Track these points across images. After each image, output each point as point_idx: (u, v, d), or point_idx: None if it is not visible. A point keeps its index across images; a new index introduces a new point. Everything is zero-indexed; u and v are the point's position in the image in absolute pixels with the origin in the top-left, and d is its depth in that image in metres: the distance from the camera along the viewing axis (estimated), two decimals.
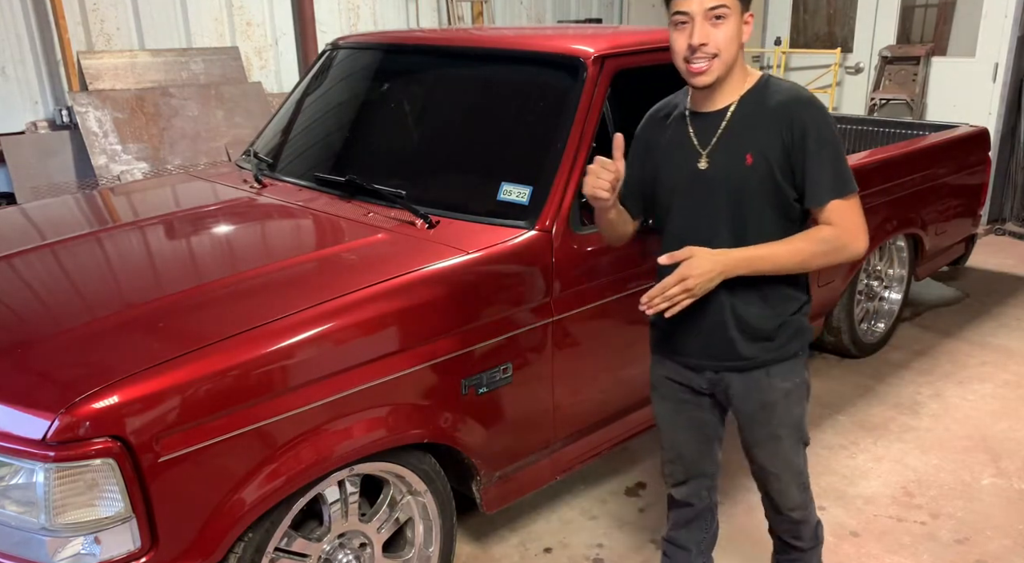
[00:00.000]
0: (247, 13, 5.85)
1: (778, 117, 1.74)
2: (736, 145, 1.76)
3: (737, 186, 1.76)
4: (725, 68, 1.72)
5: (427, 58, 2.99)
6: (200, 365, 1.72)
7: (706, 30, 1.67)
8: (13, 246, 2.39)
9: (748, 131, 1.75)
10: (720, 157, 1.77)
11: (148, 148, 5.06)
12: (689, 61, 1.70)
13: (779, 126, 1.73)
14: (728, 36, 1.68)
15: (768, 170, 1.74)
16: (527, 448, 2.43)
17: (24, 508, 1.63)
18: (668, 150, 1.86)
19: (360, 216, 2.48)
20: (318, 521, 2.07)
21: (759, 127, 1.75)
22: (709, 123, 1.79)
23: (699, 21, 1.66)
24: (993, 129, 6.06)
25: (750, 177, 1.75)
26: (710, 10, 1.66)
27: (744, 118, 1.77)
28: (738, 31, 1.70)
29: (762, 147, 1.74)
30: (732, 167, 1.75)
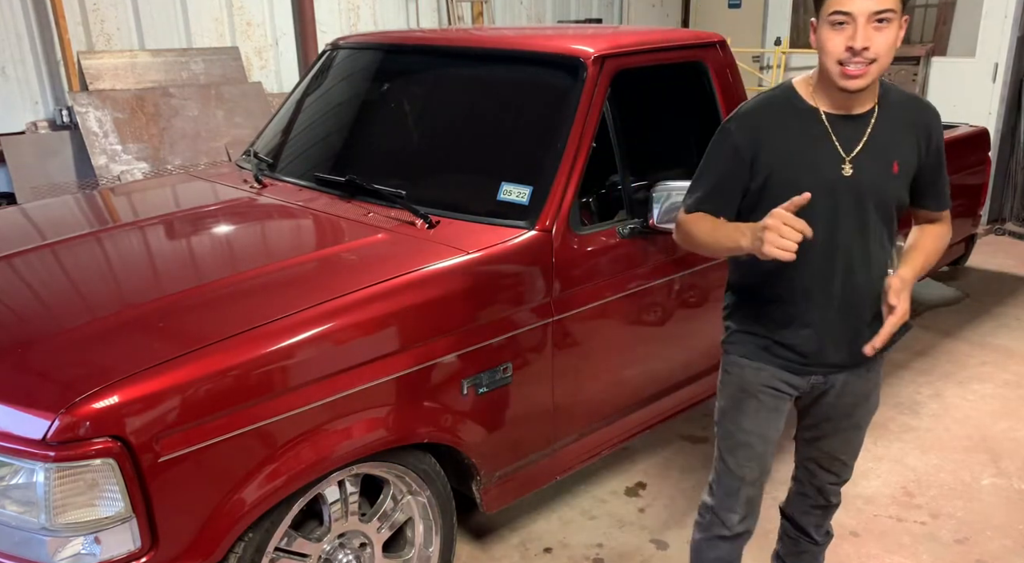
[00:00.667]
0: (247, 13, 5.85)
1: (917, 126, 1.78)
2: (883, 152, 1.75)
3: (882, 194, 1.76)
4: (880, 74, 1.67)
5: (427, 58, 2.99)
6: (200, 365, 1.72)
7: (868, 33, 1.59)
8: (13, 246, 2.39)
9: (892, 138, 1.75)
10: (867, 164, 1.74)
11: (148, 148, 5.06)
12: (845, 63, 1.63)
13: (917, 135, 1.77)
14: (889, 42, 1.62)
15: (908, 178, 1.79)
16: (527, 448, 2.43)
17: (24, 508, 1.63)
18: (800, 152, 1.76)
19: (360, 216, 2.48)
20: (318, 521, 2.07)
21: (901, 134, 1.76)
22: (852, 127, 1.74)
23: (862, 23, 1.59)
24: (993, 129, 6.06)
25: (894, 185, 1.77)
26: (876, 14, 1.59)
27: (887, 124, 1.75)
28: (898, 35, 1.64)
29: (905, 155, 1.77)
30: (880, 175, 1.74)
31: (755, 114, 1.81)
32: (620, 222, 2.54)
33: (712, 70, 2.86)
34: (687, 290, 2.75)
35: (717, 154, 1.82)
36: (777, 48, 7.65)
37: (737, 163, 1.78)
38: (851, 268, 1.80)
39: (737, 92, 2.93)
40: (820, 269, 1.80)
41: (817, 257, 1.78)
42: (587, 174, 2.43)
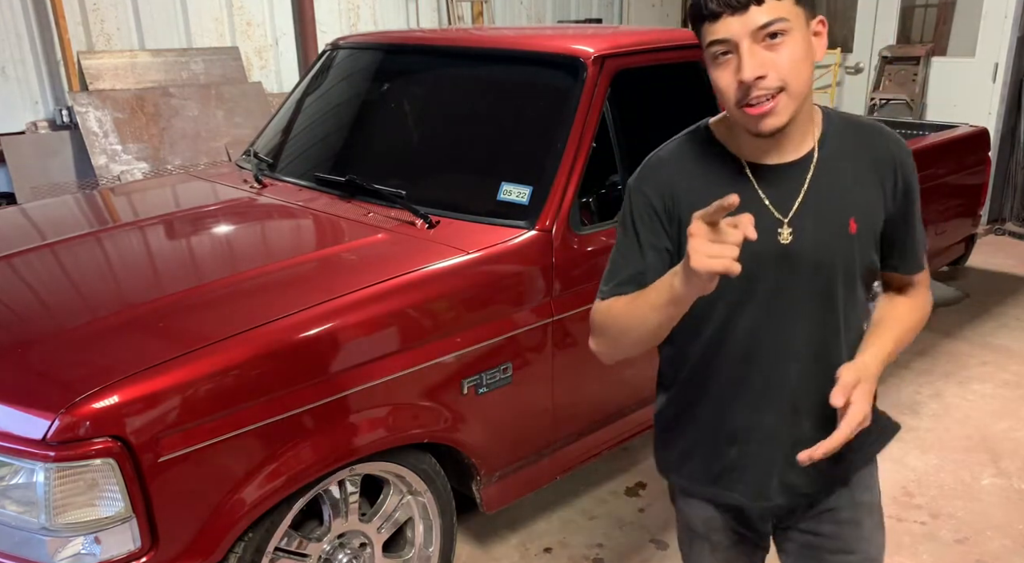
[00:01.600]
0: (247, 13, 5.85)
1: (878, 163, 1.34)
2: (832, 207, 1.31)
3: (836, 262, 1.31)
4: (798, 102, 1.23)
5: (427, 58, 2.99)
6: (200, 365, 1.72)
7: (759, 57, 1.18)
8: (13, 246, 2.39)
9: (844, 185, 1.32)
10: (810, 225, 1.30)
11: (148, 148, 5.06)
12: (744, 103, 1.22)
13: (880, 175, 1.34)
14: (794, 57, 1.20)
15: (873, 235, 1.34)
16: (527, 448, 2.43)
17: (24, 508, 1.63)
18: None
19: (360, 216, 2.48)
20: (318, 521, 2.07)
21: (857, 180, 1.33)
22: (784, 179, 1.31)
23: (747, 47, 1.18)
24: (993, 129, 6.06)
25: (853, 248, 1.32)
26: (760, 29, 1.18)
27: (834, 168, 1.32)
28: (807, 48, 1.22)
29: (865, 206, 1.32)
30: (830, 238, 1.30)
31: (665, 165, 1.39)
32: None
33: None
34: None
35: (628, 223, 1.38)
36: None
37: (654, 227, 1.35)
38: (803, 364, 1.36)
39: None
40: (761, 367, 1.36)
41: (760, 351, 1.35)
42: (587, 174, 2.43)
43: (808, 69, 1.23)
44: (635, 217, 1.37)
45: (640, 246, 1.35)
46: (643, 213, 1.35)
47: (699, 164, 1.36)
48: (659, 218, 1.34)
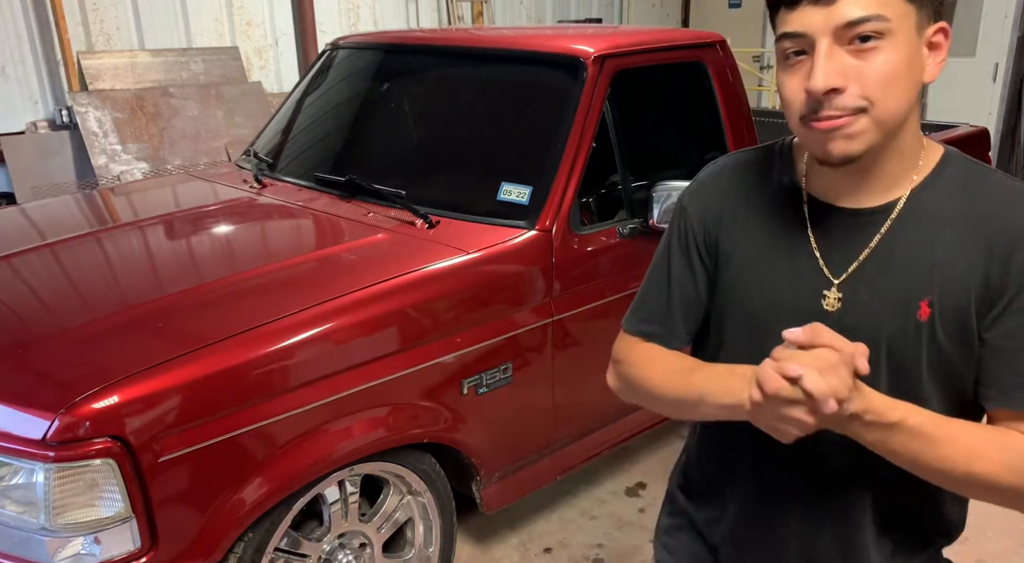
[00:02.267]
0: (247, 13, 5.85)
1: (994, 241, 0.96)
2: (900, 279, 0.99)
3: (896, 351, 0.99)
4: (886, 131, 0.94)
5: (427, 58, 2.99)
6: (200, 365, 1.72)
7: (839, 62, 0.91)
8: (13, 246, 2.39)
9: (926, 255, 0.98)
10: (865, 295, 0.99)
11: (148, 148, 5.06)
12: (810, 118, 0.94)
13: (987, 257, 0.96)
14: (888, 70, 0.91)
15: (954, 328, 0.98)
16: (527, 448, 2.43)
17: (24, 508, 1.63)
18: (765, 257, 1.07)
19: (360, 216, 2.48)
20: (318, 521, 2.07)
21: (950, 252, 0.98)
22: (850, 229, 1.02)
23: (825, 47, 0.91)
24: (993, 129, 6.06)
25: (921, 339, 0.98)
26: (848, 26, 0.90)
27: (922, 230, 0.99)
28: (911, 60, 0.93)
29: (949, 290, 0.97)
30: (890, 317, 0.98)
31: (718, 182, 1.14)
32: (620, 222, 2.54)
33: (712, 70, 2.86)
34: None
35: (664, 244, 1.18)
36: None
37: (689, 255, 1.13)
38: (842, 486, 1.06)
39: (737, 92, 2.93)
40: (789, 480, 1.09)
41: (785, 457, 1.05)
42: (587, 174, 2.43)
43: (908, 88, 0.93)
44: (672, 240, 1.16)
45: (669, 278, 1.14)
46: (681, 237, 1.14)
47: (757, 189, 1.09)
48: (696, 247, 1.12)
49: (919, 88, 0.95)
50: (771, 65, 7.75)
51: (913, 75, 0.94)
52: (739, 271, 1.08)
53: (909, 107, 0.95)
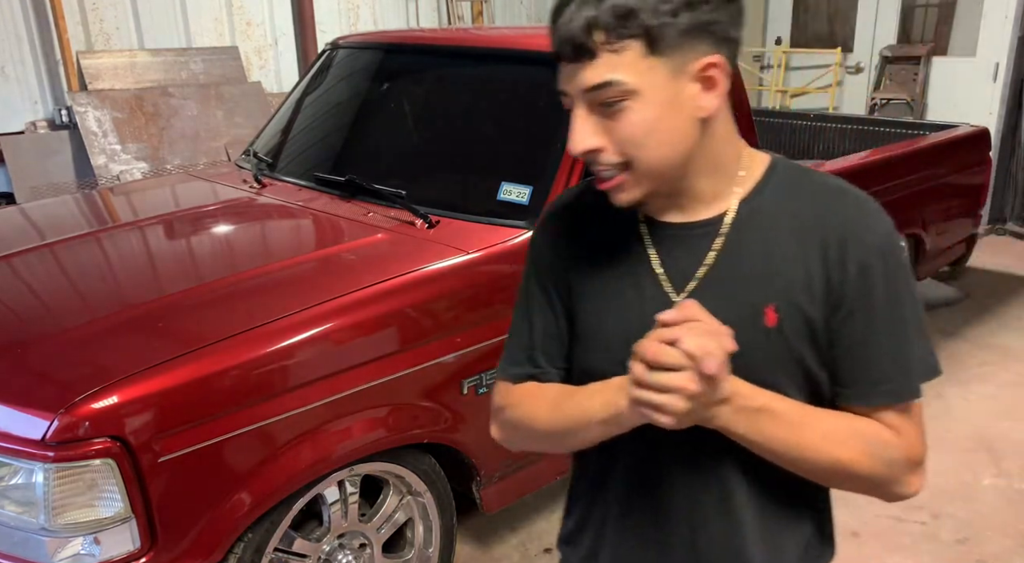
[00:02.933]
0: (247, 13, 5.85)
1: (827, 238, 0.96)
2: (744, 288, 0.97)
3: (748, 360, 0.93)
4: (656, 178, 0.95)
5: (427, 58, 2.99)
6: (200, 365, 1.71)
7: (591, 125, 0.93)
8: (13, 246, 2.39)
9: (767, 262, 0.97)
10: (711, 308, 0.91)
11: (147, 148, 5.06)
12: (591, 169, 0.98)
13: (826, 255, 0.96)
14: (636, 129, 0.91)
15: (803, 331, 0.96)
16: None
17: (24, 508, 1.62)
18: (609, 282, 1.04)
19: (360, 216, 2.48)
20: (318, 521, 2.07)
21: (787, 256, 0.97)
22: (687, 243, 1.01)
23: (580, 110, 0.94)
24: (994, 129, 6.06)
25: (770, 345, 0.96)
26: (589, 90, 0.91)
27: (758, 238, 0.98)
28: (666, 110, 0.91)
29: (794, 294, 0.96)
30: (737, 327, 0.90)
31: (563, 214, 1.13)
32: None
33: None
34: None
35: (523, 282, 1.16)
36: (778, 47, 7.65)
37: (545, 287, 1.11)
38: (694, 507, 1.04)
39: (737, 92, 2.92)
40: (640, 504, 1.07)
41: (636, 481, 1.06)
42: (587, 174, 2.42)
43: (671, 135, 0.92)
44: (528, 275, 1.14)
45: (529, 314, 1.13)
46: (535, 271, 1.12)
47: (600, 216, 1.06)
48: (550, 278, 1.10)
49: (693, 125, 0.93)
50: (771, 65, 7.76)
51: (675, 120, 0.92)
52: (589, 299, 1.05)
53: (678, 150, 0.93)
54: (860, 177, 3.55)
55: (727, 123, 0.98)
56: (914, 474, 0.99)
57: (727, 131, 0.98)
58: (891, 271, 0.96)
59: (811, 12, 7.69)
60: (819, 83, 7.31)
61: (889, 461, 0.97)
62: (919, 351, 0.97)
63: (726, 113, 0.97)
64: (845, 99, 7.35)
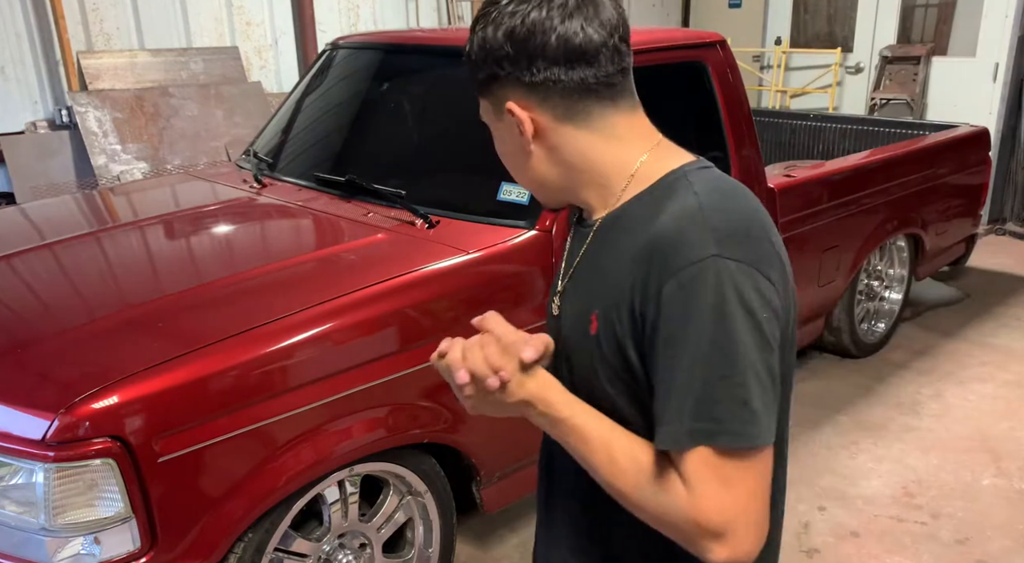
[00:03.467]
0: (247, 13, 5.85)
1: (638, 260, 0.93)
2: (584, 290, 1.04)
3: (576, 362, 1.02)
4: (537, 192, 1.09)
5: (427, 58, 2.99)
6: (200, 365, 1.72)
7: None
8: (13, 246, 2.39)
9: (603, 270, 1.00)
10: (568, 305, 1.07)
11: (148, 148, 5.06)
12: None
13: (634, 278, 0.92)
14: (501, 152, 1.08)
15: (614, 346, 0.95)
16: (527, 448, 2.43)
17: (24, 508, 1.62)
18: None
19: (360, 216, 2.48)
20: (318, 521, 2.07)
21: (615, 268, 0.97)
22: (577, 242, 1.10)
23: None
24: (993, 129, 6.06)
25: (594, 352, 0.98)
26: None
27: (608, 244, 1.01)
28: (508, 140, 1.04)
29: (610, 306, 0.96)
30: (574, 327, 1.02)
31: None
32: None
33: (712, 70, 2.86)
34: None
35: None
36: (777, 48, 7.65)
37: None
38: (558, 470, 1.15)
39: (737, 92, 2.92)
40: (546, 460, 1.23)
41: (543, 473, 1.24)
42: None
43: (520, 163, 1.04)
44: None
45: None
46: None
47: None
48: None
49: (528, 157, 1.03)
50: (771, 65, 7.76)
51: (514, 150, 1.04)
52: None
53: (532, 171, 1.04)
54: (860, 177, 3.56)
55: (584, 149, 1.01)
56: (711, 540, 0.85)
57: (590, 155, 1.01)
58: (688, 303, 0.87)
59: (811, 12, 7.69)
60: (819, 83, 7.31)
61: (664, 509, 0.87)
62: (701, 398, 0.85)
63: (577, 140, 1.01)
64: (845, 99, 7.35)
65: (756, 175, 2.90)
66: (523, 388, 0.94)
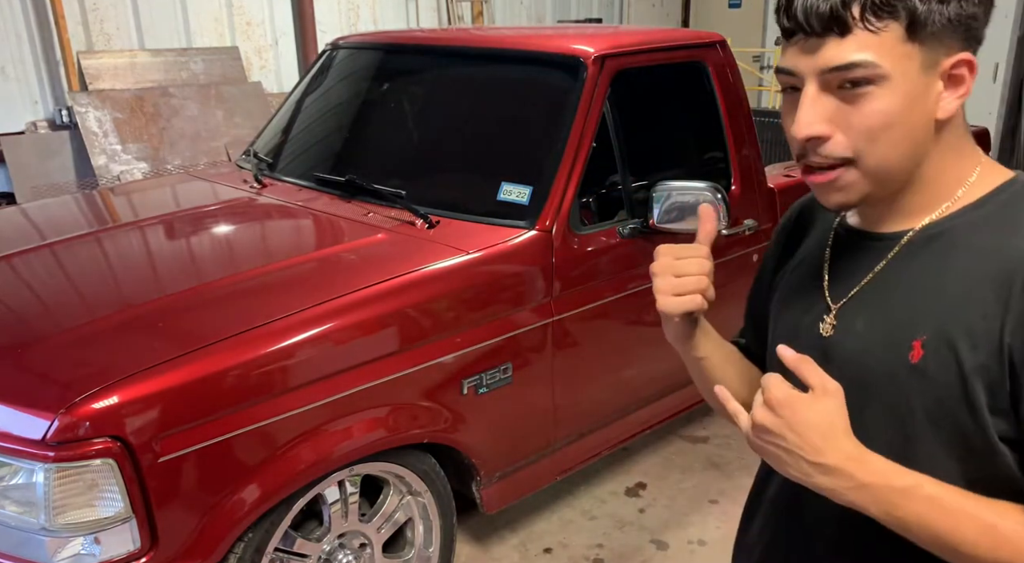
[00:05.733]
0: (247, 13, 5.85)
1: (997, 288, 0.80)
2: (895, 314, 0.88)
3: (884, 396, 0.87)
4: (878, 180, 0.86)
5: (427, 58, 2.99)
6: (200, 365, 1.72)
7: (823, 108, 0.84)
8: (13, 246, 2.39)
9: (929, 292, 0.86)
10: (860, 326, 0.91)
11: (148, 148, 5.06)
12: (801, 161, 0.89)
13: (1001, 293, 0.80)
14: (876, 119, 0.82)
15: (952, 381, 0.82)
16: (527, 448, 2.43)
17: (24, 508, 1.63)
18: (790, 280, 1.05)
19: (360, 216, 2.48)
20: (318, 521, 2.07)
21: (955, 288, 0.83)
22: (861, 253, 0.94)
23: (810, 91, 0.84)
24: (993, 129, 6.06)
25: (911, 381, 0.85)
26: (833, 71, 0.82)
27: (932, 262, 0.87)
28: (911, 103, 0.82)
29: (949, 332, 0.82)
30: (879, 354, 0.88)
31: (799, 208, 1.13)
32: (620, 222, 2.54)
33: (712, 70, 2.86)
34: None
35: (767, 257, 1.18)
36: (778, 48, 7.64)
37: (763, 283, 1.14)
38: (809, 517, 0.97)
39: (737, 92, 2.92)
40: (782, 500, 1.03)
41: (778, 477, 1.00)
42: (587, 174, 2.43)
43: (906, 134, 0.83)
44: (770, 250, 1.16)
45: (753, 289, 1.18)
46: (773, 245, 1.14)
47: (817, 212, 1.07)
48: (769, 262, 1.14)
49: (929, 127, 0.84)
50: (771, 65, 7.75)
51: (915, 118, 0.83)
52: (778, 297, 1.06)
53: (911, 151, 0.85)
54: None
55: (959, 135, 0.88)
56: None
57: (958, 143, 0.88)
58: None
59: None
60: None
61: None
62: None
63: (960, 122, 0.87)
64: None
65: (756, 175, 2.91)
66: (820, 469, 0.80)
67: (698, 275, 0.95)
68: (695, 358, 1.06)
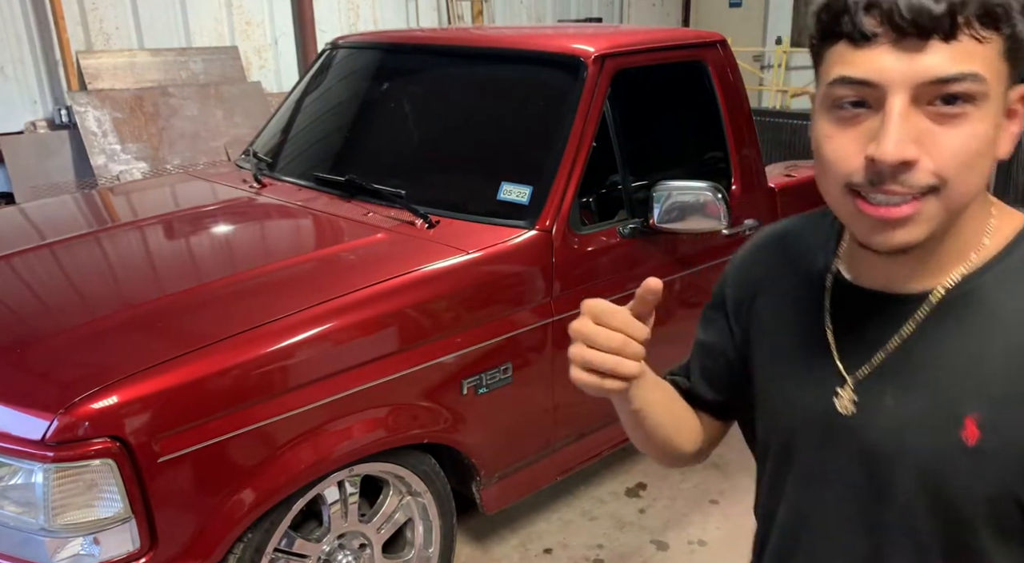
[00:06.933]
0: (247, 13, 5.85)
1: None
2: (938, 387, 0.77)
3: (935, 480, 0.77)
4: (951, 217, 0.74)
5: (427, 58, 2.99)
6: (200, 365, 1.71)
7: (916, 126, 0.70)
8: (13, 246, 2.39)
9: (972, 363, 0.76)
10: (891, 402, 0.79)
11: (147, 148, 5.06)
12: (860, 191, 0.73)
13: None
14: (971, 144, 0.70)
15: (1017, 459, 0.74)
16: (527, 449, 2.43)
17: (23, 508, 1.62)
18: (782, 347, 0.91)
19: (360, 216, 2.47)
20: (318, 521, 2.06)
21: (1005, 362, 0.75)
22: (878, 317, 0.82)
23: (899, 105, 0.69)
24: None
25: (970, 469, 0.75)
26: (935, 83, 0.69)
27: (976, 323, 0.77)
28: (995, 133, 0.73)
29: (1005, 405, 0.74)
30: (922, 433, 0.77)
31: (764, 249, 0.98)
32: (620, 222, 2.54)
33: (712, 70, 2.85)
34: (688, 290, 2.75)
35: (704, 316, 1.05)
36: (778, 47, 7.65)
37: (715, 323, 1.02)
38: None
39: (737, 92, 2.92)
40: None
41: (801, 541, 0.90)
42: (587, 174, 2.43)
43: (986, 168, 0.73)
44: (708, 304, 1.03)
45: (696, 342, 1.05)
46: (712, 302, 1.02)
47: (796, 265, 0.91)
48: (726, 314, 0.99)
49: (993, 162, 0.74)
50: (771, 65, 7.76)
51: (992, 147, 0.73)
52: (761, 361, 0.93)
53: (983, 188, 0.75)
54: None
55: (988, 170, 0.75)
56: None
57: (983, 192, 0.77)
58: None
59: None
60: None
61: None
62: None
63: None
64: None
65: (756, 175, 2.90)
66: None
67: (612, 354, 0.80)
68: (628, 411, 0.93)
